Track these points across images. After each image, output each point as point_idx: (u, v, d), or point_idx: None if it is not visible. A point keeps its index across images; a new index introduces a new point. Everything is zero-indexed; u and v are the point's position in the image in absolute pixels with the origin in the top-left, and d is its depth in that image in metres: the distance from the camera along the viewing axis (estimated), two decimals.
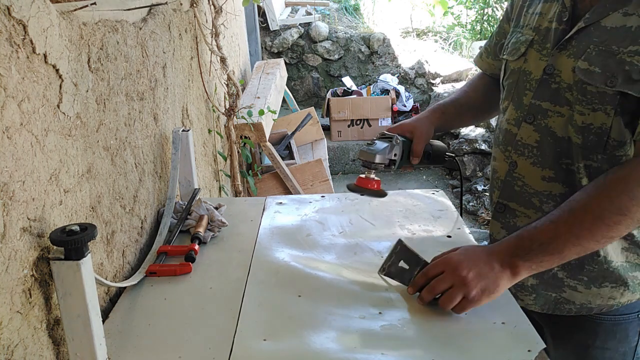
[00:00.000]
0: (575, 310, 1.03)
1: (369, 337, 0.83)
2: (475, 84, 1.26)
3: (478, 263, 0.84)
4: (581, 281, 1.00)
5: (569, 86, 0.92)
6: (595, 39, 0.89)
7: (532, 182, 1.00)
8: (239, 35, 3.19)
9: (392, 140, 1.06)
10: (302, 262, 1.04)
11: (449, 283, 0.84)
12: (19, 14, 0.63)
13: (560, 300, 1.04)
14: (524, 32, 1.03)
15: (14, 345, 0.63)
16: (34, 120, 0.67)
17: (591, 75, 0.88)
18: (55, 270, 0.68)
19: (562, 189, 0.97)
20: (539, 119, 0.98)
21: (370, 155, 1.04)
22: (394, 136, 1.07)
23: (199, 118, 1.76)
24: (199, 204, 1.20)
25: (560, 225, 0.83)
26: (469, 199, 3.56)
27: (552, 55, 0.95)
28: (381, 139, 1.08)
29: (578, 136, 0.92)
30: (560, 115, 0.95)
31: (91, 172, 0.85)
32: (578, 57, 0.91)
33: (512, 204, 1.05)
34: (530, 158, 1.00)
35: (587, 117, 0.90)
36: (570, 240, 0.83)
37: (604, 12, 0.89)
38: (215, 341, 0.82)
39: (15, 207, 0.63)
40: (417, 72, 4.71)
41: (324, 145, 3.48)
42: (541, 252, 0.83)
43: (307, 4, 5.28)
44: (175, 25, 1.45)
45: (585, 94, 0.90)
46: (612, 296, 1.00)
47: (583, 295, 1.01)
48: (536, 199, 1.00)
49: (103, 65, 0.91)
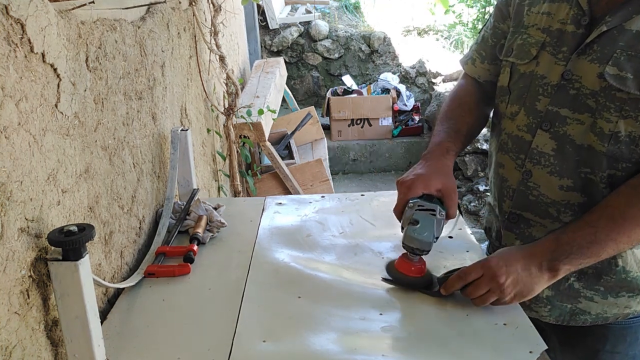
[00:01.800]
0: (590, 320, 1.01)
1: (370, 339, 0.82)
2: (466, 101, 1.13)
3: (516, 269, 0.85)
4: (598, 291, 0.98)
5: (593, 92, 0.89)
6: (622, 43, 0.85)
7: (549, 192, 0.97)
8: (238, 33, 3.18)
9: (435, 214, 0.92)
10: (302, 263, 1.04)
11: (486, 289, 0.86)
12: (17, 12, 0.63)
13: (576, 311, 1.01)
14: (531, 34, 0.98)
15: (12, 346, 0.62)
16: (31, 119, 0.67)
17: (623, 81, 0.85)
18: (53, 271, 0.68)
19: (581, 198, 0.94)
20: (556, 126, 0.93)
21: (424, 242, 0.90)
22: (437, 208, 0.92)
23: (198, 117, 1.75)
24: (197, 204, 1.20)
25: (600, 231, 0.85)
26: (471, 199, 3.56)
27: (571, 60, 0.91)
28: (422, 212, 0.93)
29: (603, 144, 0.88)
30: (580, 123, 0.91)
31: (89, 172, 0.85)
32: (604, 63, 0.87)
33: (526, 214, 1.01)
34: (547, 167, 0.95)
35: (614, 125, 0.87)
36: (608, 245, 0.85)
37: (627, 15, 0.85)
38: (215, 342, 0.82)
39: (13, 208, 0.62)
40: (418, 71, 4.70)
41: (324, 145, 3.47)
42: (580, 256, 0.86)
43: (307, 3, 5.27)
44: (174, 24, 1.45)
45: (614, 101, 0.86)
46: (628, 305, 0.98)
47: (599, 305, 0.99)
48: (553, 208, 0.97)
49: (101, 64, 0.90)
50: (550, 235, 0.89)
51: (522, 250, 0.89)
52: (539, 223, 1.00)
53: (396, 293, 0.93)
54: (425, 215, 0.92)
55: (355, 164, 4.31)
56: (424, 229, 0.91)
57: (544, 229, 0.99)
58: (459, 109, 1.12)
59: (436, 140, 1.06)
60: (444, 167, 1.00)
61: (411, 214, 0.93)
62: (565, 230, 0.88)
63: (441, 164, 1.00)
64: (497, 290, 0.85)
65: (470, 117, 1.11)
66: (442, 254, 1.06)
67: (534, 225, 1.01)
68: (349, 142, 4.30)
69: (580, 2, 0.91)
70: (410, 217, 0.92)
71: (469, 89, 1.15)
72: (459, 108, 1.12)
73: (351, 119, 4.27)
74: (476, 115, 1.13)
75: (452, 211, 0.97)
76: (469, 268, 0.88)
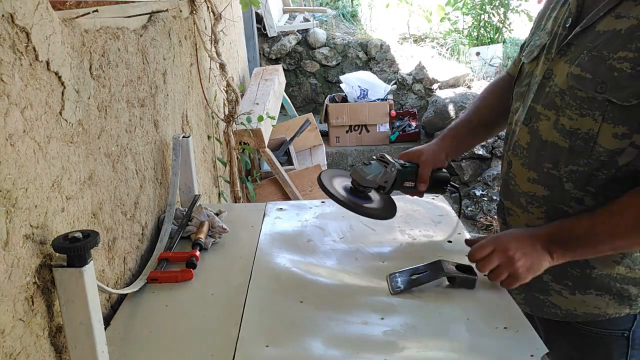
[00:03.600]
0: (561, 315, 1.03)
1: (371, 343, 0.82)
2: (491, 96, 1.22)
3: (525, 244, 0.91)
4: (566, 286, 1.01)
5: (561, 91, 0.93)
6: (589, 44, 0.89)
7: (521, 183, 1.02)
8: (238, 41, 3.20)
9: (387, 166, 1.06)
10: (303, 268, 1.04)
11: (497, 262, 0.91)
12: (22, 21, 0.64)
13: (547, 303, 1.04)
14: (541, 36, 1.03)
15: (17, 353, 0.62)
16: (36, 127, 0.68)
17: (582, 81, 0.89)
18: (58, 278, 0.68)
19: (544, 191, 0.98)
20: (533, 121, 0.99)
21: (361, 177, 1.04)
22: (392, 163, 1.07)
23: (199, 124, 1.76)
24: (199, 210, 1.20)
25: (597, 223, 0.88)
26: (468, 204, 3.57)
27: (553, 60, 0.96)
28: (379, 162, 1.07)
29: (566, 140, 0.92)
30: (547, 119, 0.96)
31: (93, 178, 0.85)
32: (572, 63, 0.91)
33: (506, 202, 1.08)
34: (521, 159, 1.02)
35: (575, 122, 0.90)
36: (603, 239, 0.88)
37: (596, 16, 0.89)
38: (218, 348, 0.82)
39: (18, 214, 0.63)
40: (415, 78, 4.72)
41: (322, 151, 3.48)
42: (576, 244, 0.90)
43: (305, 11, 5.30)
44: (175, 32, 1.46)
45: (576, 99, 0.90)
46: (597, 305, 0.99)
47: (568, 301, 1.01)
48: (523, 199, 1.02)
49: (104, 72, 0.91)
50: (556, 222, 0.94)
51: (527, 231, 0.96)
52: (515, 213, 1.05)
53: (398, 297, 0.94)
54: (378, 163, 1.07)
55: None
56: (370, 170, 1.05)
57: (518, 218, 1.04)
58: (478, 102, 1.23)
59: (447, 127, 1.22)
60: (433, 144, 1.17)
61: (370, 158, 1.08)
62: (570, 218, 0.93)
63: (433, 142, 1.18)
64: (508, 264, 0.89)
65: (486, 109, 1.21)
66: (442, 258, 1.06)
67: (512, 214, 1.06)
68: (347, 148, 4.31)
69: (570, 5, 0.96)
70: (367, 159, 1.07)
71: (498, 84, 1.23)
72: (480, 101, 1.23)
73: (349, 125, 4.29)
74: (496, 108, 1.20)
75: (423, 172, 1.11)
76: (479, 244, 0.93)
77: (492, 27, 5.02)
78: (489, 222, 3.38)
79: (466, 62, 4.84)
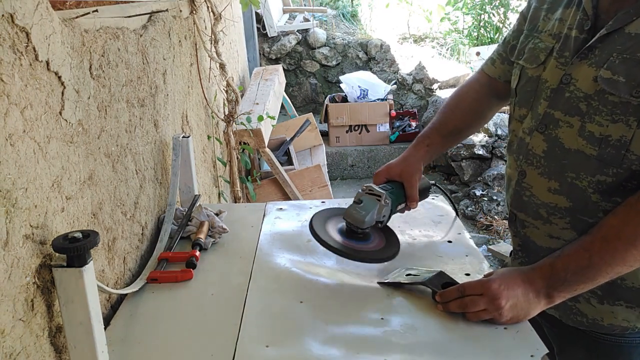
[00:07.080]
0: (587, 324, 0.99)
1: (372, 343, 0.82)
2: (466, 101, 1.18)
3: (516, 293, 0.86)
4: (595, 294, 0.96)
5: (586, 96, 0.88)
6: (619, 46, 0.85)
7: (539, 193, 0.97)
8: (238, 41, 3.20)
9: (380, 200, 1.02)
10: (303, 268, 1.04)
11: (483, 307, 0.86)
12: (22, 21, 0.64)
13: (574, 310, 1.00)
14: (542, 39, 0.99)
15: (17, 353, 0.62)
16: (36, 127, 0.68)
17: (615, 85, 0.84)
18: (58, 278, 0.68)
19: (567, 202, 0.93)
20: (550, 128, 0.94)
21: (358, 219, 0.99)
22: (383, 193, 1.02)
23: (199, 124, 1.76)
24: (199, 210, 1.20)
25: (594, 255, 0.84)
26: (467, 204, 3.57)
27: (572, 64, 0.92)
28: (369, 196, 1.03)
29: (594, 147, 0.88)
30: (569, 126, 0.91)
31: (92, 178, 0.85)
32: (600, 66, 0.86)
33: (520, 215, 1.02)
34: (538, 168, 0.97)
35: (605, 129, 0.86)
36: (603, 269, 0.84)
37: (627, 19, 0.85)
38: (218, 348, 0.82)
39: (18, 215, 0.63)
40: (415, 78, 4.73)
41: (322, 151, 3.49)
42: (575, 282, 0.86)
43: (304, 11, 5.30)
44: (175, 32, 1.46)
45: (607, 104, 0.85)
46: (626, 318, 0.95)
47: (596, 310, 0.97)
48: (543, 210, 0.97)
49: (104, 72, 0.91)
50: (547, 260, 0.89)
51: (521, 274, 0.89)
52: (532, 224, 1.00)
53: (397, 298, 0.94)
54: (370, 198, 1.02)
55: (354, 170, 4.32)
56: (363, 209, 1.01)
57: (537, 230, 0.99)
58: (452, 104, 1.19)
59: (419, 134, 1.18)
60: (410, 157, 1.13)
61: (359, 195, 1.04)
62: (561, 255, 0.88)
63: (408, 154, 1.14)
64: (494, 311, 0.85)
65: (461, 113, 1.18)
66: (442, 259, 1.06)
67: (528, 226, 1.01)
68: (347, 147, 4.32)
69: (585, 7, 0.92)
70: (357, 197, 1.03)
71: (473, 87, 1.19)
72: (454, 106, 1.19)
73: (349, 125, 4.29)
74: (472, 112, 1.18)
75: (412, 192, 1.09)
76: (470, 285, 0.89)
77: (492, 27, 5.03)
78: (489, 222, 3.38)
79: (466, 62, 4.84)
